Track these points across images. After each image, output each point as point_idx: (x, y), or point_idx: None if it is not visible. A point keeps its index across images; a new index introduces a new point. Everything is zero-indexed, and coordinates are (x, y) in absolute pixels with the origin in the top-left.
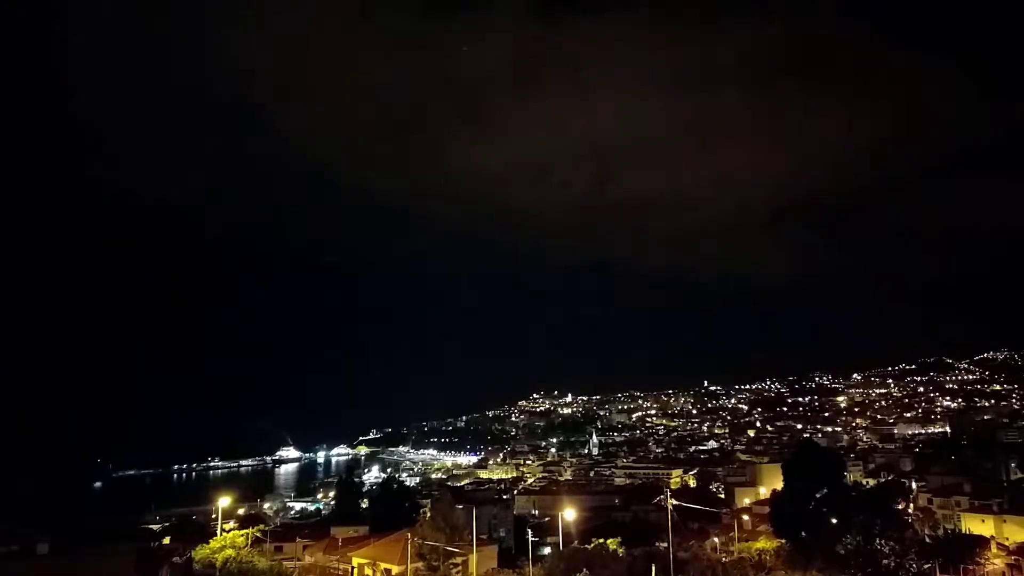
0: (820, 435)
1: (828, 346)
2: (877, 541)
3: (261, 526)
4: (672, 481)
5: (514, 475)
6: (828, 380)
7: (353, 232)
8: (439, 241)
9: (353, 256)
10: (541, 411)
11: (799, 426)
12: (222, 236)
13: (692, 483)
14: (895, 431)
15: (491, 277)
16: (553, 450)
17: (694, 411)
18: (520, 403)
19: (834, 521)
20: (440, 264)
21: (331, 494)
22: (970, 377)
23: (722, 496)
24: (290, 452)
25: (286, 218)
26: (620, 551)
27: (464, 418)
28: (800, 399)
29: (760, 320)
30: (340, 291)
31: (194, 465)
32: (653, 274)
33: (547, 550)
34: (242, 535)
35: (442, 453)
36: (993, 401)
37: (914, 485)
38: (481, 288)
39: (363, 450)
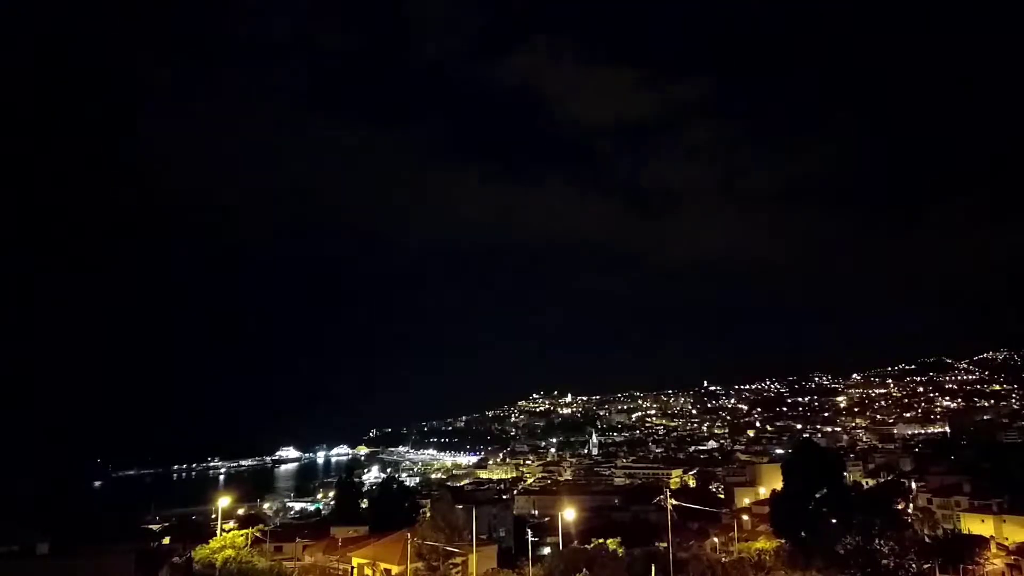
0: (820, 435)
1: (828, 346)
2: (877, 541)
3: (261, 526)
4: (672, 481)
5: (514, 475)
6: (828, 380)
7: (352, 232)
8: (440, 244)
9: (352, 256)
10: (541, 411)
11: (799, 426)
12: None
13: (692, 483)
14: (895, 431)
15: (491, 277)
16: (553, 450)
17: (694, 411)
18: (520, 403)
19: (834, 521)
20: (440, 265)
21: (331, 494)
22: (970, 377)
23: (722, 496)
24: (290, 452)
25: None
26: (620, 551)
27: (464, 418)
28: (800, 399)
29: (760, 319)
30: (340, 292)
31: (194, 465)
32: (654, 273)
33: (547, 550)
34: (242, 535)
35: (442, 453)
36: (993, 401)
37: (914, 485)
38: (481, 288)
39: (363, 450)
